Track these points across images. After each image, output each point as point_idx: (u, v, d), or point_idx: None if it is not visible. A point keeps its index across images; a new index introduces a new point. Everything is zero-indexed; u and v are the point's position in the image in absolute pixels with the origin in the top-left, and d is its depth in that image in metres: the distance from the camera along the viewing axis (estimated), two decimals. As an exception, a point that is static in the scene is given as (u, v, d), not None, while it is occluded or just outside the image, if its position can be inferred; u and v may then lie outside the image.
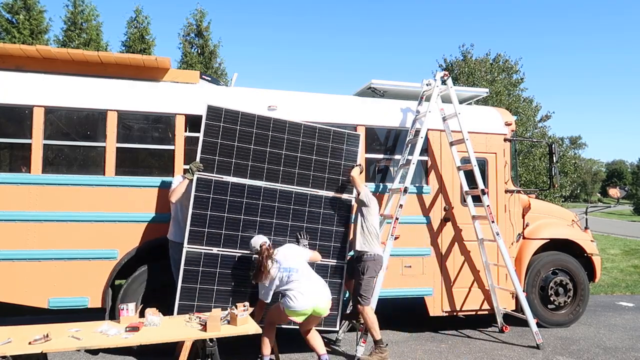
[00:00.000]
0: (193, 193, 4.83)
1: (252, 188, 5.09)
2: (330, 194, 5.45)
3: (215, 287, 4.92)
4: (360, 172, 5.52)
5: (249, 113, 5.13)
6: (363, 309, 5.17)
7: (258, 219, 5.10)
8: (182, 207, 4.99)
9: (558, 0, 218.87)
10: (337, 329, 5.52)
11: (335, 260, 5.40)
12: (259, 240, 4.74)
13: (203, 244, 4.87)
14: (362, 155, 5.84)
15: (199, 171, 4.84)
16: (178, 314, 4.70)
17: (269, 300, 4.70)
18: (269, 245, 4.68)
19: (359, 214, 5.28)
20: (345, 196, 5.50)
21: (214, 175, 4.94)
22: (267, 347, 4.71)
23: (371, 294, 5.28)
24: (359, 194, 5.31)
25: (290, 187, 5.26)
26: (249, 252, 4.94)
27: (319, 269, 5.18)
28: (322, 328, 5.24)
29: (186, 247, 4.81)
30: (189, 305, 4.82)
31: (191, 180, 4.83)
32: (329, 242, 5.38)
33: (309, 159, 5.35)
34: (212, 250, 4.90)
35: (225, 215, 4.96)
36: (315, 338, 4.75)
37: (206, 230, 4.88)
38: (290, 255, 4.67)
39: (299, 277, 4.54)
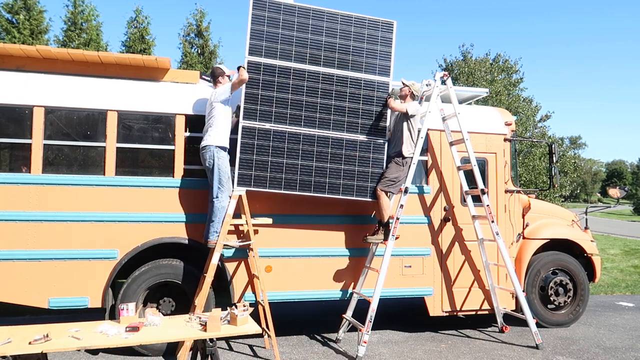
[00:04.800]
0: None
1: (297, 71, 5.59)
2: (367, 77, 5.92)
3: (270, 159, 5.39)
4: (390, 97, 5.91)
5: (290, 3, 5.59)
6: (380, 193, 5.68)
7: (304, 98, 5.58)
8: (225, 113, 5.25)
9: (558, 1, 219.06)
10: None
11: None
12: None
13: (256, 120, 5.37)
14: None
15: None
16: (239, 184, 5.25)
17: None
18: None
19: (405, 122, 5.75)
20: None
21: (263, 58, 5.45)
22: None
23: (394, 186, 5.75)
24: (407, 111, 5.72)
25: (332, 70, 5.73)
26: (299, 128, 5.51)
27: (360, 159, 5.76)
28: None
29: (242, 122, 5.32)
30: (247, 174, 5.31)
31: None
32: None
33: (347, 45, 5.83)
34: (264, 125, 5.41)
35: (275, 95, 5.47)
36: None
37: (258, 107, 5.41)
38: None
39: None
